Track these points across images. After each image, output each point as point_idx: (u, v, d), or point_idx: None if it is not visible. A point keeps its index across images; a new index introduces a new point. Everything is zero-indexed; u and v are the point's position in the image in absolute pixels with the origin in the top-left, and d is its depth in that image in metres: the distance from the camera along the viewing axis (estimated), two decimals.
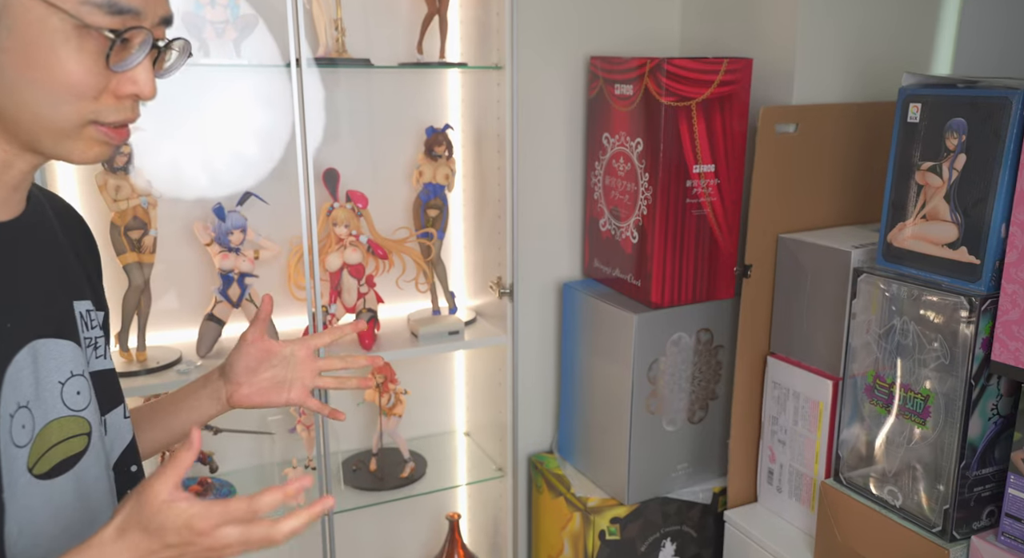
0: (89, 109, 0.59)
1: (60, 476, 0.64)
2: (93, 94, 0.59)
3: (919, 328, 1.14)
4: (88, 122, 0.60)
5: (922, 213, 1.14)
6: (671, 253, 1.44)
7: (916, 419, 1.16)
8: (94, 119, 0.60)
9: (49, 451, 0.63)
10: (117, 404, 0.72)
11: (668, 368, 1.51)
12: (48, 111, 0.58)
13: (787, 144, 1.39)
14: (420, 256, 1.62)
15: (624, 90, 1.47)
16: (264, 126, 1.53)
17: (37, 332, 0.63)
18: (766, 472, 1.50)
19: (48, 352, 0.63)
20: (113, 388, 0.72)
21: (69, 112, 0.58)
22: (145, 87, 0.60)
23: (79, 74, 0.57)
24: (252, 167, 1.53)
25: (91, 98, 0.59)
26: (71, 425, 0.65)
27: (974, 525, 1.13)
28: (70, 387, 0.65)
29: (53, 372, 0.64)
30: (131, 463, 0.73)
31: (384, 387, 1.62)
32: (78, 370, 0.66)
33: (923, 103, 1.12)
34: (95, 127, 0.60)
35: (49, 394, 0.63)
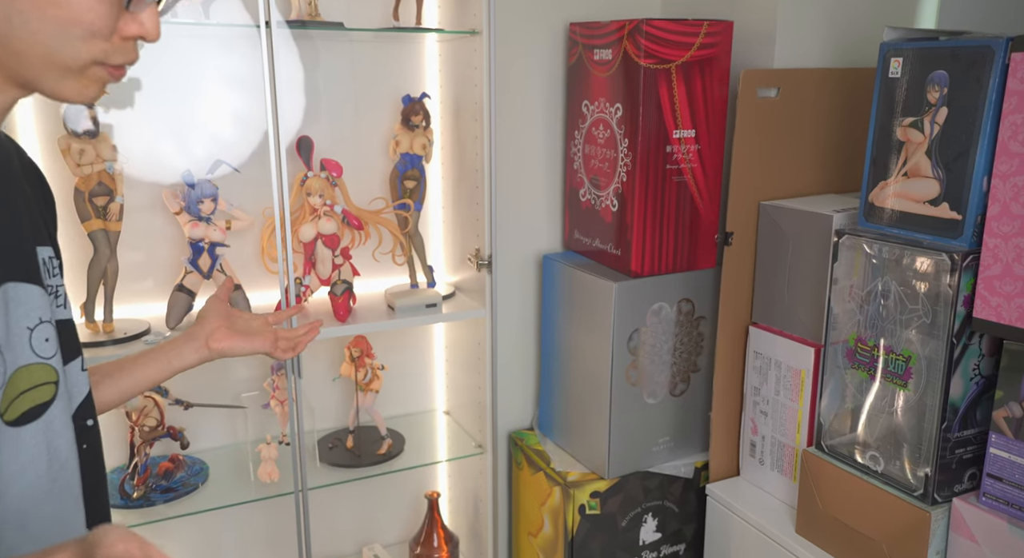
0: (100, 49, 0.60)
1: (29, 424, 0.63)
2: (107, 33, 0.59)
3: (901, 288, 1.12)
4: (95, 62, 0.60)
5: (904, 170, 1.12)
6: (651, 221, 1.41)
7: (898, 381, 1.14)
8: (103, 59, 0.60)
9: (18, 398, 0.62)
10: (76, 356, 0.71)
11: (649, 339, 1.49)
12: (61, 47, 0.58)
13: (768, 109, 1.36)
14: (397, 228, 1.59)
15: (603, 55, 1.44)
16: (237, 94, 1.49)
17: (7, 275, 0.62)
18: (748, 445, 1.48)
19: (18, 296, 0.62)
20: (72, 339, 0.70)
21: (81, 50, 0.59)
22: (151, 28, 0.61)
23: (98, 13, 0.58)
24: (224, 135, 1.50)
25: (104, 38, 0.59)
26: (40, 372, 0.64)
27: (956, 488, 1.11)
28: (39, 334, 0.64)
29: (23, 318, 0.63)
30: (87, 417, 0.71)
31: (360, 361, 1.59)
32: (46, 317, 0.65)
33: (904, 57, 1.10)
34: (100, 67, 0.61)
35: (18, 340, 0.62)
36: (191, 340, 0.95)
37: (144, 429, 1.46)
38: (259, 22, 1.27)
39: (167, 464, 1.52)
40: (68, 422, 0.67)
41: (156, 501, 1.44)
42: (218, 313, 0.99)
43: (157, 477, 1.49)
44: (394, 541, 1.84)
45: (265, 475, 1.51)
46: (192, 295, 1.44)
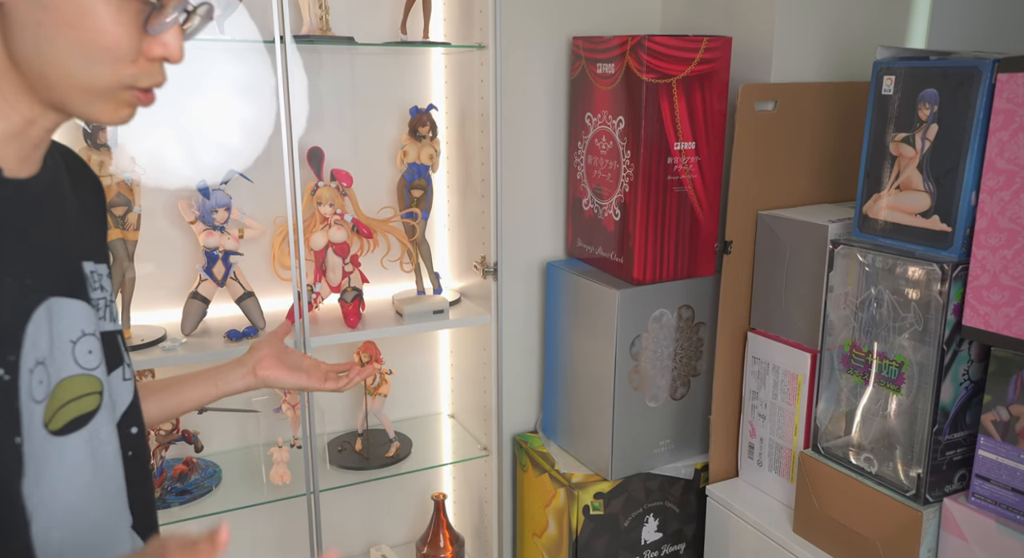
0: (127, 73, 0.61)
1: (73, 433, 0.65)
2: (130, 57, 0.60)
3: (894, 297, 1.16)
4: (124, 86, 0.61)
5: (896, 183, 1.16)
6: (653, 230, 1.45)
7: (891, 386, 1.18)
8: (131, 84, 0.61)
9: (63, 408, 0.64)
10: (118, 365, 0.72)
11: (650, 345, 1.53)
12: (84, 71, 0.59)
13: (766, 122, 1.41)
14: (405, 236, 1.63)
15: (606, 69, 1.48)
16: (249, 105, 1.53)
17: (52, 290, 0.64)
18: (747, 446, 1.52)
19: (62, 310, 0.64)
20: (116, 349, 0.72)
21: (104, 73, 0.60)
22: (175, 50, 0.62)
23: (116, 35, 0.59)
24: (237, 146, 1.54)
25: (128, 61, 0.60)
26: (83, 383, 0.66)
27: (946, 488, 1.16)
28: (82, 346, 0.66)
29: (66, 331, 0.65)
30: (131, 425, 0.73)
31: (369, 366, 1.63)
32: (89, 329, 0.67)
33: (896, 75, 1.14)
34: (129, 91, 0.62)
35: (61, 352, 0.64)
36: (239, 366, 0.99)
37: (160, 433, 1.50)
38: (274, 37, 1.31)
39: (182, 467, 1.55)
40: (113, 431, 0.70)
41: (171, 503, 1.48)
42: (271, 345, 1.02)
43: (172, 480, 1.53)
44: (401, 542, 1.88)
45: (277, 477, 1.55)
46: (206, 302, 1.48)
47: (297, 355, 1.06)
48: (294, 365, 1.03)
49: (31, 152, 0.64)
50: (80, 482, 0.65)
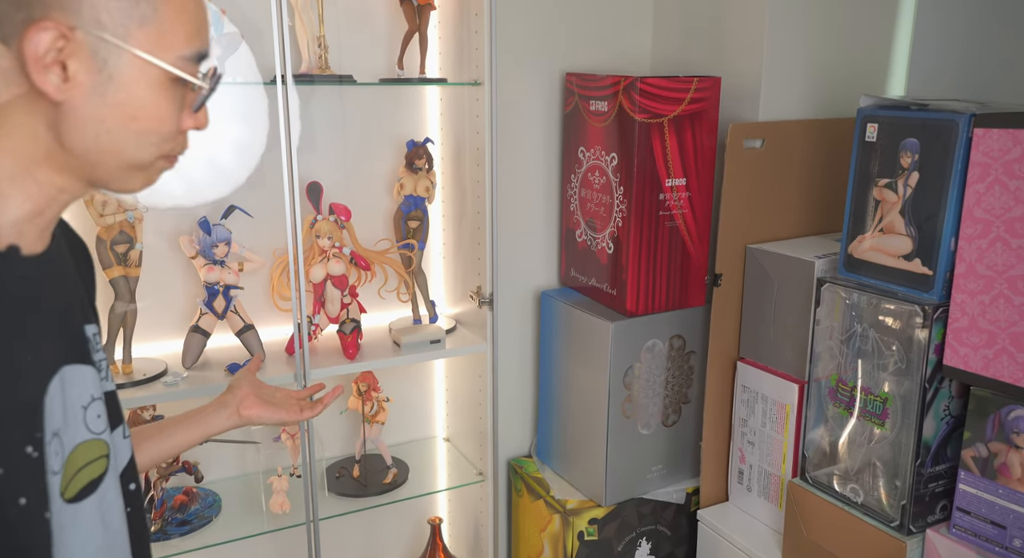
0: (168, 147, 0.66)
1: (86, 499, 0.66)
2: (176, 134, 0.66)
3: (878, 334, 1.21)
4: (161, 157, 0.66)
5: (880, 226, 1.21)
6: (645, 263, 1.49)
7: (875, 420, 1.23)
8: (168, 153, 0.67)
9: (76, 475, 0.65)
10: (118, 424, 0.74)
11: (643, 374, 1.57)
12: (136, 153, 0.64)
13: (754, 159, 1.45)
14: (402, 267, 1.66)
15: (599, 106, 1.52)
16: (247, 140, 1.56)
17: (64, 358, 0.65)
18: (736, 472, 1.56)
19: (73, 378, 0.65)
20: (116, 408, 0.74)
21: (153, 151, 0.65)
22: (205, 120, 0.68)
23: (170, 120, 0.64)
24: (235, 182, 1.56)
25: (173, 138, 0.66)
26: (94, 448, 0.67)
27: (929, 518, 1.21)
28: (92, 411, 0.67)
29: (78, 397, 0.66)
30: (130, 481, 0.75)
31: (367, 395, 1.66)
32: (97, 394, 0.69)
33: (879, 123, 1.19)
34: (163, 160, 0.67)
35: (74, 419, 0.65)
36: (223, 407, 1.03)
37: (161, 465, 1.52)
38: (273, 77, 1.33)
39: (182, 497, 1.57)
40: (119, 492, 0.71)
41: (172, 534, 1.50)
42: (248, 383, 1.07)
43: (173, 510, 1.55)
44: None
45: (277, 506, 1.58)
46: (207, 335, 1.50)
47: (270, 389, 1.10)
48: (271, 399, 1.08)
49: (47, 226, 0.66)
50: (93, 547, 0.67)
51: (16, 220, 0.62)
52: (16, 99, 0.60)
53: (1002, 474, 1.08)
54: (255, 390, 1.06)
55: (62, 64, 0.59)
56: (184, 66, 0.63)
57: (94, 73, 0.59)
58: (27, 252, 0.63)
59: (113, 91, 0.61)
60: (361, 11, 1.59)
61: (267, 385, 1.11)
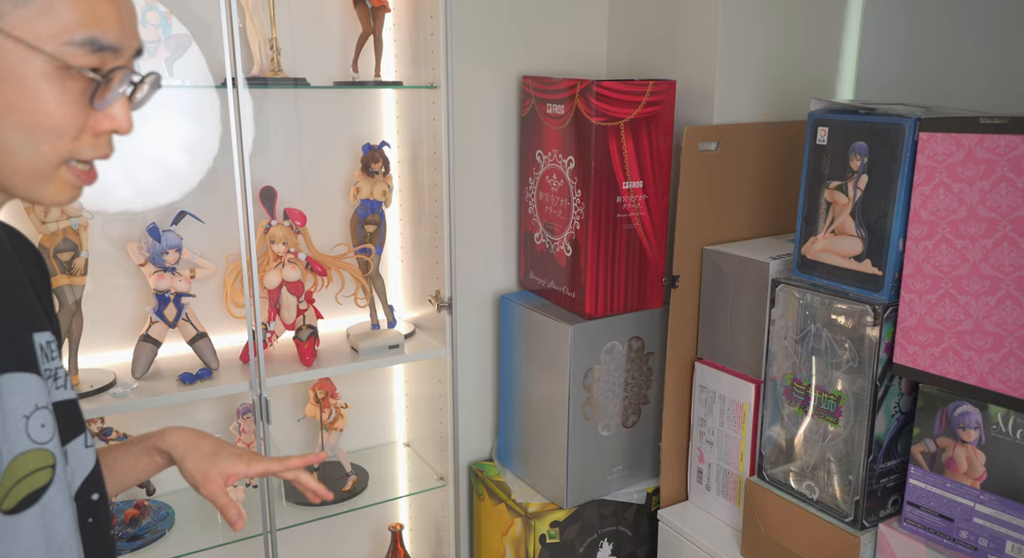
0: (67, 149, 0.60)
1: (26, 510, 0.64)
2: (74, 134, 0.59)
3: (831, 334, 1.23)
4: (63, 161, 0.60)
5: (831, 228, 1.24)
6: (603, 265, 1.50)
7: (829, 418, 1.25)
8: (70, 157, 0.60)
9: (15, 486, 0.63)
10: (79, 433, 0.71)
11: (602, 376, 1.58)
12: (27, 152, 0.58)
13: (709, 161, 1.47)
14: (359, 271, 1.64)
15: (556, 109, 1.53)
16: (198, 144, 1.52)
17: (3, 367, 0.62)
18: (696, 472, 1.58)
19: (13, 387, 0.63)
20: (74, 417, 0.71)
21: (48, 152, 0.59)
22: (124, 122, 0.62)
23: (62, 115, 0.58)
24: (186, 186, 1.53)
25: (71, 138, 0.59)
26: (36, 458, 0.65)
27: (881, 513, 1.23)
28: (35, 420, 0.65)
29: (19, 406, 0.63)
30: (93, 491, 0.72)
31: (325, 402, 1.63)
32: (42, 402, 0.66)
33: (830, 127, 1.21)
34: (68, 168, 0.61)
35: (14, 429, 0.63)
36: (153, 459, 0.92)
37: None
38: (224, 80, 1.30)
39: (133, 511, 1.53)
40: (67, 503, 0.68)
41: (123, 550, 1.46)
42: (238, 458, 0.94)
43: (123, 525, 1.51)
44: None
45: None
46: (158, 344, 1.46)
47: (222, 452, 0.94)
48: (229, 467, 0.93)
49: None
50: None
51: None
52: None
53: (949, 468, 1.11)
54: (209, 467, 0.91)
55: None
56: (75, 54, 0.57)
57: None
58: None
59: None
60: (314, 13, 1.57)
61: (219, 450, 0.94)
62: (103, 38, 0.58)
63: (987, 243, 1.02)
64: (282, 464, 0.95)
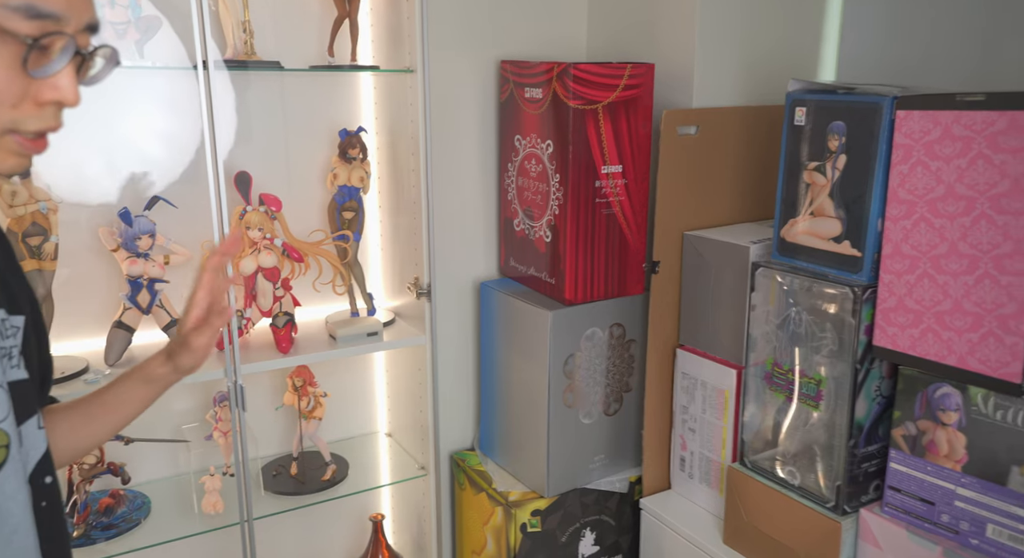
0: (8, 118, 0.58)
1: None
2: (11, 101, 0.58)
3: (811, 317, 1.21)
4: (6, 131, 0.59)
5: (810, 209, 1.22)
6: (583, 251, 1.48)
7: (811, 403, 1.24)
8: (12, 128, 0.59)
9: None
10: (31, 414, 0.70)
11: (583, 363, 1.56)
12: None
13: (689, 145, 1.45)
14: (337, 258, 1.62)
15: (533, 93, 1.51)
16: (172, 129, 1.50)
17: None
18: (678, 460, 1.57)
19: None
20: (28, 398, 0.70)
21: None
22: (68, 93, 0.60)
23: (3, 82, 0.56)
24: (160, 171, 1.50)
25: (9, 106, 0.58)
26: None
27: (862, 498, 1.22)
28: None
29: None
30: (45, 474, 0.71)
31: (303, 391, 1.61)
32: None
33: (807, 107, 1.19)
34: (12, 137, 0.59)
35: None
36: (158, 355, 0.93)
37: (84, 467, 1.45)
38: (195, 62, 1.28)
39: (108, 500, 1.51)
40: (21, 484, 0.67)
41: (97, 539, 1.43)
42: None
43: (98, 514, 1.49)
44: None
45: (210, 507, 1.52)
46: (131, 331, 1.44)
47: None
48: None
49: None
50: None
51: None
52: None
53: (930, 451, 1.10)
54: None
55: None
56: (9, 18, 0.55)
57: None
58: None
59: None
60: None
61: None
62: (41, 5, 0.56)
63: (965, 221, 1.01)
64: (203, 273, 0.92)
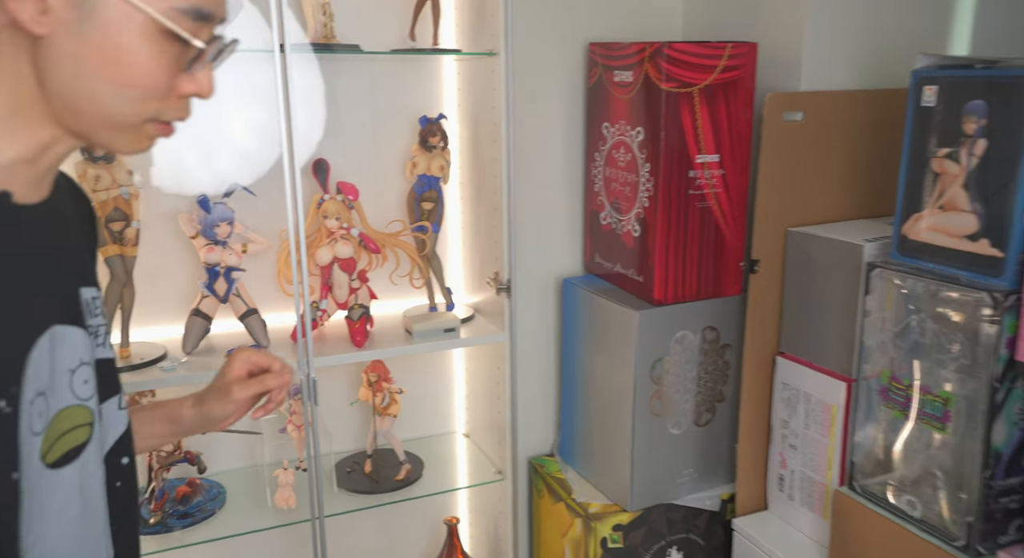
0: (155, 108, 0.62)
1: (66, 466, 0.64)
2: (161, 94, 0.61)
3: (937, 326, 1.06)
4: (149, 119, 0.63)
5: (939, 203, 1.06)
6: (674, 247, 1.37)
7: (935, 424, 1.08)
8: (155, 117, 0.63)
9: (59, 439, 0.63)
10: (114, 394, 0.71)
11: (672, 368, 1.44)
12: (116, 105, 0.60)
13: (795, 133, 1.31)
14: (414, 250, 1.57)
15: (623, 77, 1.40)
16: (254, 116, 1.48)
17: (55, 318, 0.63)
18: (776, 478, 1.43)
19: (62, 339, 0.63)
20: (111, 377, 0.71)
21: (136, 110, 0.61)
22: (206, 88, 0.64)
23: (156, 75, 0.60)
24: (242, 158, 1.49)
25: (159, 98, 0.62)
26: (78, 414, 0.65)
27: (1000, 539, 1.05)
28: (79, 375, 0.65)
29: (65, 359, 0.63)
30: (122, 454, 0.72)
31: (377, 386, 1.57)
32: (86, 358, 0.66)
33: (939, 85, 1.04)
34: (152, 124, 0.63)
35: (60, 382, 0.63)
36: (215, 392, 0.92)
37: (161, 454, 1.46)
38: (273, 46, 1.25)
39: (184, 488, 1.51)
40: (100, 463, 0.68)
41: (173, 527, 1.44)
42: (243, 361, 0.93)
43: (174, 502, 1.49)
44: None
45: (282, 501, 1.50)
46: (208, 320, 1.43)
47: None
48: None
49: (43, 176, 0.64)
50: (68, 517, 0.64)
51: (7, 164, 0.60)
52: (2, 32, 0.58)
53: None
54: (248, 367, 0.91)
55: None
56: (177, 19, 0.59)
57: (73, 8, 0.57)
58: (19, 201, 0.61)
59: (92, 29, 0.57)
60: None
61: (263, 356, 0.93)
62: (204, 7, 0.60)
63: None
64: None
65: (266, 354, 0.90)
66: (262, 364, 0.89)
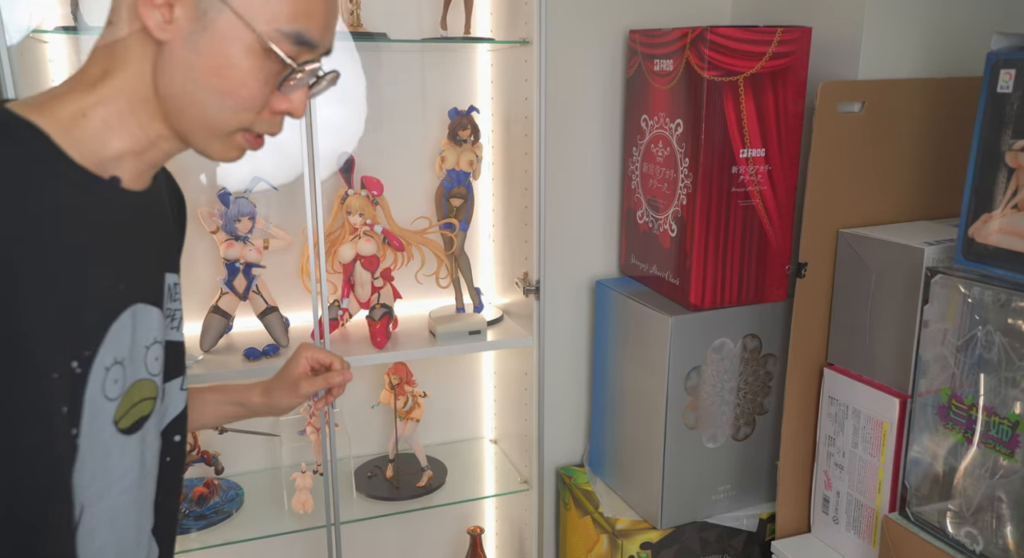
0: (248, 120, 0.67)
1: (134, 434, 0.70)
2: (256, 108, 0.66)
3: (1007, 340, 0.95)
4: (241, 129, 0.67)
5: (1013, 202, 0.95)
6: (713, 249, 1.28)
7: (1002, 449, 0.97)
8: (247, 128, 0.68)
9: (132, 409, 0.69)
10: (178, 375, 0.77)
11: (709, 378, 1.35)
12: (214, 114, 0.65)
13: (851, 125, 1.21)
14: (440, 248, 1.50)
15: (663, 65, 1.31)
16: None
17: (139, 296, 0.69)
18: (821, 499, 1.32)
19: (143, 317, 0.69)
20: (179, 360, 0.77)
21: (231, 119, 0.66)
22: (299, 108, 0.68)
23: (253, 90, 0.65)
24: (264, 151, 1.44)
25: (253, 111, 0.66)
26: (147, 388, 0.71)
27: None
28: (152, 352, 0.71)
29: (143, 336, 0.69)
30: (176, 433, 0.77)
31: (400, 389, 1.51)
32: (160, 337, 0.72)
33: (1017, 69, 0.93)
34: (243, 134, 0.68)
35: (137, 355, 0.69)
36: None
37: None
38: None
39: (201, 489, 1.48)
40: (157, 436, 0.74)
41: (189, 528, 1.40)
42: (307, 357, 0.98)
43: (191, 502, 1.46)
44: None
45: (299, 505, 1.45)
46: (228, 317, 1.40)
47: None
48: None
49: (146, 170, 0.69)
50: (128, 481, 0.70)
51: (119, 154, 0.66)
52: (135, 34, 0.64)
53: None
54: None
55: (170, 5, 0.62)
56: (280, 41, 0.64)
57: (193, 21, 0.62)
58: (127, 187, 0.67)
59: (205, 42, 0.63)
60: None
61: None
62: (307, 34, 0.65)
63: None
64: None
65: (327, 352, 0.97)
66: (323, 361, 0.96)
